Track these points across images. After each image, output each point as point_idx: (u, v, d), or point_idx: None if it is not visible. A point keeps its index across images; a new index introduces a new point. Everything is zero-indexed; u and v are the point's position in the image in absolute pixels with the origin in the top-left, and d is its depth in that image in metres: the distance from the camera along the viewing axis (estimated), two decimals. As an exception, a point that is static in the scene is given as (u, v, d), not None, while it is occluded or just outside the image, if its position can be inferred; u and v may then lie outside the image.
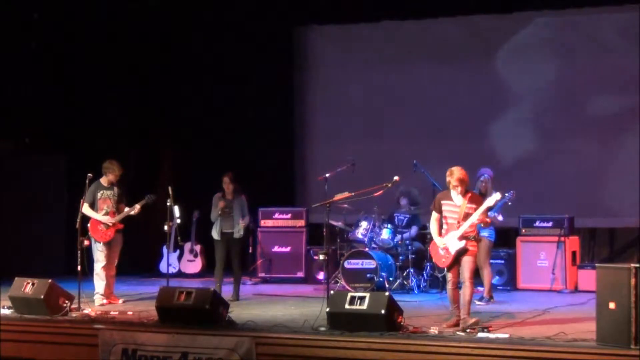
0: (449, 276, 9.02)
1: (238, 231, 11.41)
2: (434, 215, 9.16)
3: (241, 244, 11.70)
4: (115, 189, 11.05)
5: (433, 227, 9.16)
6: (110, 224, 10.90)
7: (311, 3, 14.65)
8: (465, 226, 8.84)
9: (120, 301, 10.96)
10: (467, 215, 8.87)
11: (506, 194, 10.53)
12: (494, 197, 8.99)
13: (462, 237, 8.85)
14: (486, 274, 10.95)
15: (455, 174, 8.91)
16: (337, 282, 12.10)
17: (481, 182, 11.00)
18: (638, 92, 12.95)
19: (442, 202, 9.04)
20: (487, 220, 9.10)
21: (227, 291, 11.05)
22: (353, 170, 12.29)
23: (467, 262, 8.87)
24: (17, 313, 9.73)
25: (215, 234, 11.48)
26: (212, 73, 15.04)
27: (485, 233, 10.76)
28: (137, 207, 10.98)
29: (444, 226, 9.05)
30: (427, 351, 7.77)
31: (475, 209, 8.87)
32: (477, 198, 9.08)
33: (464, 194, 8.92)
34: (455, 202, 8.97)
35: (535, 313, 9.88)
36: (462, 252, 8.87)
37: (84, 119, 14.24)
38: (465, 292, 8.84)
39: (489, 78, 14.07)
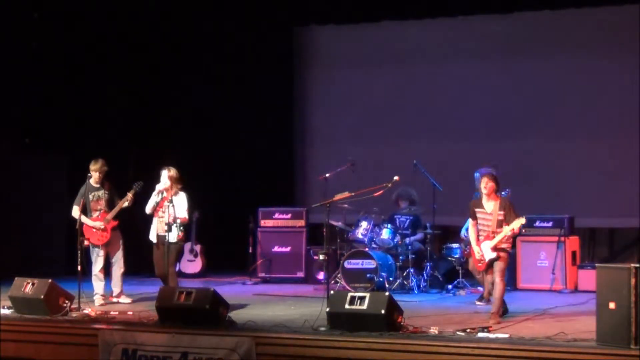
0: (487, 278, 9.75)
1: (173, 235, 10.18)
2: (470, 221, 9.77)
3: (178, 249, 10.47)
4: (105, 186, 10.92)
5: (471, 233, 9.77)
6: (102, 228, 10.81)
7: (311, 3, 14.65)
8: (497, 239, 9.41)
9: (129, 300, 10.89)
10: (499, 222, 9.46)
11: (502, 193, 10.55)
12: (519, 221, 9.39)
13: (494, 249, 9.46)
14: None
15: (482, 181, 9.64)
16: (337, 282, 12.09)
17: (477, 181, 11.02)
18: (638, 91, 12.96)
19: (476, 209, 9.66)
20: (517, 232, 9.61)
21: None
22: (353, 170, 12.33)
23: (497, 265, 9.49)
24: (17, 313, 9.73)
25: (152, 236, 10.49)
26: (212, 73, 15.04)
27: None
28: (130, 196, 10.76)
29: (481, 232, 9.63)
30: (427, 351, 7.76)
31: (504, 215, 9.43)
32: (506, 203, 9.58)
33: (494, 199, 9.55)
34: (486, 209, 9.59)
35: (535, 313, 9.89)
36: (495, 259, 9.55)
37: (84, 119, 14.24)
38: (496, 289, 9.41)
39: (489, 78, 14.07)
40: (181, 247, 10.77)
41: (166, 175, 10.43)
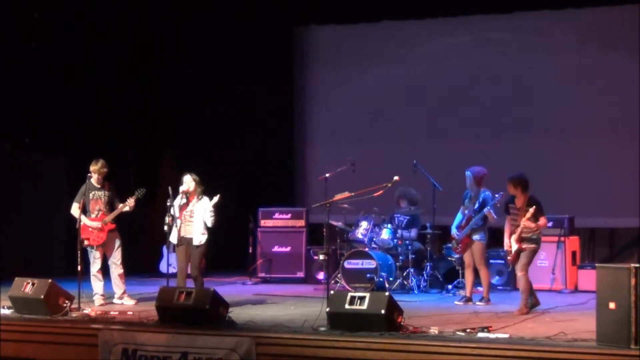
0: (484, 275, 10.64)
1: (198, 238, 10.48)
2: (507, 216, 10.25)
3: (202, 252, 10.57)
4: (106, 187, 10.89)
5: (506, 228, 10.24)
6: (99, 228, 10.81)
7: (311, 3, 14.66)
8: (518, 232, 9.93)
9: (132, 302, 10.87)
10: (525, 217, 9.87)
11: (496, 195, 10.55)
12: (529, 212, 9.79)
13: (517, 239, 9.98)
14: (483, 275, 10.92)
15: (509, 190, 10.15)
16: (337, 282, 12.10)
17: (467, 180, 10.98)
18: (638, 91, 12.96)
19: (509, 205, 10.19)
20: (532, 225, 9.89)
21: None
22: (353, 170, 12.33)
23: (522, 257, 10.03)
24: (17, 313, 9.72)
25: (173, 238, 10.50)
26: (212, 72, 15.04)
27: (476, 236, 10.78)
28: (131, 202, 10.74)
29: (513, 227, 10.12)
30: (427, 351, 7.76)
31: (530, 212, 9.78)
32: (533, 201, 9.95)
33: (524, 196, 10.00)
34: (516, 204, 10.07)
35: (535, 313, 9.89)
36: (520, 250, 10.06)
37: (84, 118, 14.23)
38: (519, 282, 10.03)
39: (490, 78, 14.08)
40: (205, 250, 10.68)
41: (190, 179, 10.57)
